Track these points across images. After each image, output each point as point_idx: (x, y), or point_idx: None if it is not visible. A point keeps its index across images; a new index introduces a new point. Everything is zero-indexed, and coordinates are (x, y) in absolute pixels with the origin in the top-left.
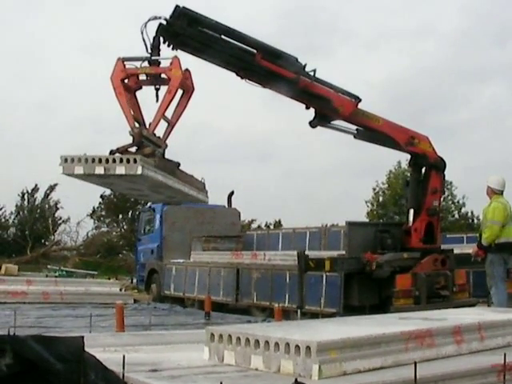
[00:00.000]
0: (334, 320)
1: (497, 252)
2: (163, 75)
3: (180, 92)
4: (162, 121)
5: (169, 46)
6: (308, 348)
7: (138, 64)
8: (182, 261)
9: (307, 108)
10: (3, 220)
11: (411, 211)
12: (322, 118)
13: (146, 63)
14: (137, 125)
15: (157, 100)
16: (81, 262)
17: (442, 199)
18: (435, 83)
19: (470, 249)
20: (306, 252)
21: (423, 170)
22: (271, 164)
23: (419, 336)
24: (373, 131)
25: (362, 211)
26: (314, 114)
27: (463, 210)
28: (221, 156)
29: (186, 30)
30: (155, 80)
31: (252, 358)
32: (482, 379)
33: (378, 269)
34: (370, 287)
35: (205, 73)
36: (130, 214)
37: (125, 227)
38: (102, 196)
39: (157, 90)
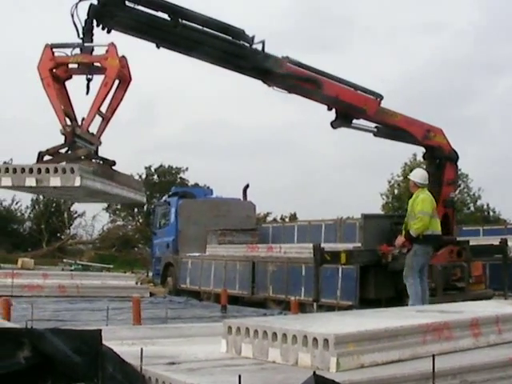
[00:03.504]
0: (350, 313)
1: (423, 244)
2: (97, 64)
3: (116, 82)
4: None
5: (103, 29)
6: (326, 341)
7: (68, 51)
8: (197, 254)
9: (329, 109)
10: (19, 214)
11: None
12: (345, 119)
13: (77, 50)
14: (68, 122)
15: (87, 92)
16: (96, 256)
17: (456, 191)
18: (451, 76)
19: (486, 241)
20: (322, 245)
21: (438, 162)
22: (286, 157)
23: (437, 329)
24: (391, 127)
25: (377, 204)
26: (335, 115)
27: (479, 202)
28: (236, 149)
29: (121, 9)
30: (87, 69)
31: (269, 350)
32: (500, 372)
33: (394, 261)
34: (385, 280)
35: (219, 69)
36: (145, 207)
37: (140, 221)
38: None
39: (88, 80)
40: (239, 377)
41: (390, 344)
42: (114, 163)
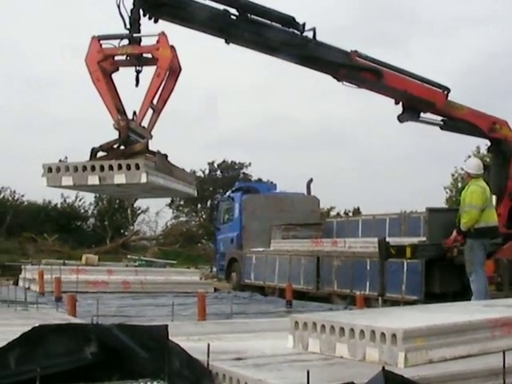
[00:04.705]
0: (417, 307)
1: (476, 237)
2: (147, 54)
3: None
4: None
5: (150, 18)
6: (394, 336)
7: (115, 43)
8: (261, 249)
9: (397, 103)
10: (83, 211)
11: (493, 197)
12: (413, 112)
13: (124, 41)
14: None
15: (136, 84)
16: (160, 252)
17: None
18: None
19: None
20: (387, 239)
21: (504, 154)
22: (349, 151)
23: (506, 324)
24: (457, 121)
25: (440, 198)
26: (402, 109)
27: None
28: (300, 145)
29: None
30: (137, 60)
31: (337, 345)
32: None
33: (460, 255)
34: (451, 274)
35: (281, 64)
36: (208, 203)
37: (203, 216)
38: None
39: (138, 72)
40: (307, 372)
41: (459, 339)
42: (166, 157)
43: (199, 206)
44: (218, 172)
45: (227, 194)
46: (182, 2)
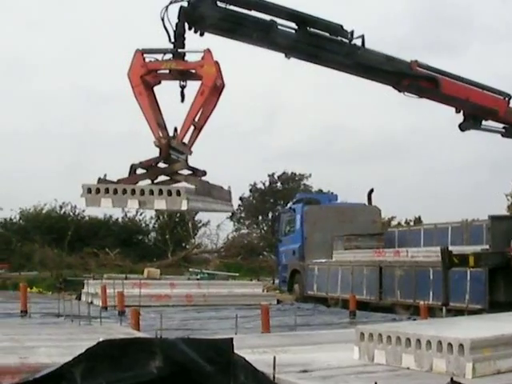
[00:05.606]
0: (483, 317)
1: None
2: (191, 70)
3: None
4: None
5: (195, 32)
6: (461, 346)
7: (159, 57)
8: (324, 260)
9: (457, 112)
10: (144, 225)
11: None
12: (474, 121)
13: (168, 55)
14: (160, 133)
15: (182, 99)
16: (222, 264)
17: None
18: None
19: None
20: (449, 248)
21: None
22: (408, 160)
23: None
24: None
25: (501, 205)
26: (463, 117)
27: None
28: (359, 155)
29: (214, 10)
30: (180, 75)
31: (403, 356)
32: None
33: None
34: None
35: (338, 75)
36: (269, 215)
37: (265, 228)
38: (241, 198)
39: (182, 87)
40: None
41: None
42: (204, 173)
43: (260, 217)
44: (279, 184)
45: (288, 205)
46: (228, 15)
